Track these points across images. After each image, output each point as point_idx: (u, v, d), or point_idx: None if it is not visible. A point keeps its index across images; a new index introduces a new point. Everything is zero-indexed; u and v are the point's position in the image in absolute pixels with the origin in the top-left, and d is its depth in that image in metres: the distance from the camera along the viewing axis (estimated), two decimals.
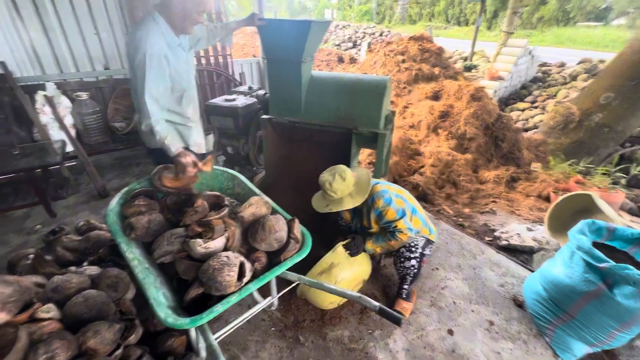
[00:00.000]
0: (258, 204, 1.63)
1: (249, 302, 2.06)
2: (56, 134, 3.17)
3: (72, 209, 2.93)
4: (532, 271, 2.37)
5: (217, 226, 1.44)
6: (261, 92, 3.10)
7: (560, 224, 2.78)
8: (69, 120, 3.28)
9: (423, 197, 3.43)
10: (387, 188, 1.89)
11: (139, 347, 1.59)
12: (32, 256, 1.98)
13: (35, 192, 2.66)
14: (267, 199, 1.76)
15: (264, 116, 2.65)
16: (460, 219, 3.17)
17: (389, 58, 5.44)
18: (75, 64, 3.60)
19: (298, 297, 2.05)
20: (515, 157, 4.10)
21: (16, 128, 2.90)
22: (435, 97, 4.73)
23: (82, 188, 3.25)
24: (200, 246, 1.37)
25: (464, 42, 13.71)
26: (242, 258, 1.37)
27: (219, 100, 2.80)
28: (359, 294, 1.38)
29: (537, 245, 2.67)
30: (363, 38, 11.90)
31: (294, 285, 1.66)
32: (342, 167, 1.86)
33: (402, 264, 1.86)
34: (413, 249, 1.83)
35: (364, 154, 4.00)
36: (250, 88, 3.18)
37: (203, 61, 4.18)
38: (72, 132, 3.26)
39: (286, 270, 1.62)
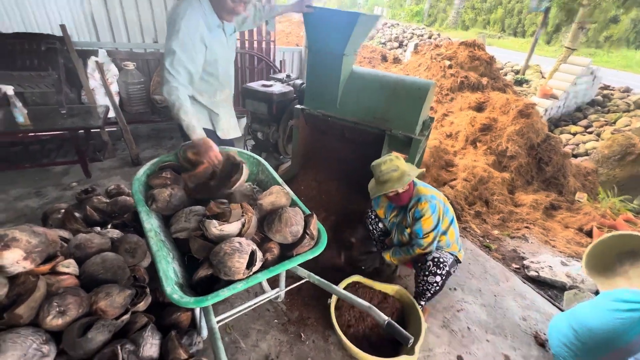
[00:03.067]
0: (279, 194, 1.59)
1: (257, 289, 2.05)
2: (101, 99, 3.32)
3: (106, 172, 3.08)
4: (562, 310, 2.17)
5: (235, 210, 1.43)
6: (299, 81, 3.06)
7: (601, 264, 2.52)
8: (114, 88, 3.43)
9: None
10: (434, 193, 1.81)
11: (145, 315, 1.62)
12: (62, 211, 2.09)
13: (75, 151, 2.81)
14: (288, 190, 1.72)
15: (298, 106, 2.61)
16: (488, 240, 2.98)
17: (435, 62, 5.19)
18: (128, 34, 3.75)
19: (305, 293, 2.02)
20: (558, 183, 3.79)
21: (67, 89, 3.07)
22: (479, 108, 4.47)
23: (118, 154, 3.40)
24: (216, 227, 1.36)
25: (518, 54, 12.90)
26: (254, 246, 1.34)
27: (255, 85, 2.80)
28: (368, 304, 1.31)
29: (570, 282, 2.44)
30: (410, 39, 11.49)
31: (302, 281, 1.62)
32: (394, 153, 1.84)
33: (425, 278, 1.75)
34: (441, 265, 1.72)
35: None
36: (288, 76, 3.15)
37: (247, 45, 4.21)
38: (116, 99, 3.40)
39: (297, 265, 1.59)
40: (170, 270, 1.26)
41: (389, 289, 1.94)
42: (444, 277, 1.73)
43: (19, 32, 3.02)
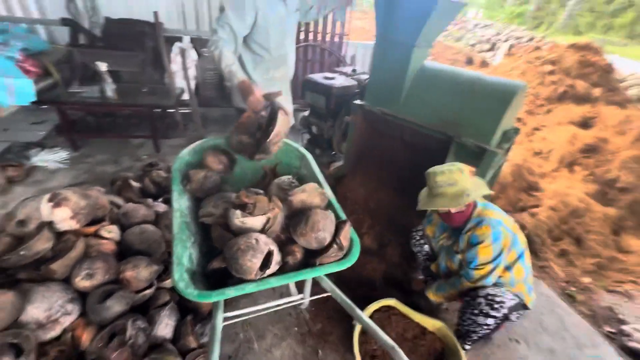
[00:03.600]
0: (312, 193, 1.43)
1: (283, 290, 1.93)
2: (180, 82, 3.58)
3: (173, 149, 3.31)
4: None
5: (260, 204, 1.31)
6: (364, 76, 2.84)
7: None
8: (192, 73, 3.67)
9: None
10: (502, 218, 1.44)
11: (169, 293, 1.63)
12: (121, 180, 2.25)
13: (150, 127, 3.06)
14: (326, 190, 1.54)
15: (357, 101, 2.41)
16: (573, 289, 2.38)
17: (533, 66, 4.43)
18: (211, 22, 3.98)
19: (332, 305, 1.82)
20: None
21: (152, 70, 3.38)
22: (584, 124, 3.65)
23: (187, 134, 3.63)
24: (237, 219, 1.27)
25: None
26: (273, 247, 1.21)
27: (317, 77, 2.68)
28: (392, 344, 1.06)
29: None
30: (506, 41, 10.18)
31: (324, 295, 1.43)
32: (459, 164, 1.48)
33: (473, 316, 1.42)
34: (497, 305, 1.37)
35: None
36: (354, 70, 2.96)
37: (318, 37, 4.14)
38: (192, 83, 3.64)
39: (324, 275, 1.42)
40: (184, 256, 1.20)
41: (430, 323, 1.63)
42: (498, 321, 1.37)
43: (122, 18, 3.43)
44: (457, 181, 1.40)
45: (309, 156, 1.85)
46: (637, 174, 2.99)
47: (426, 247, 1.79)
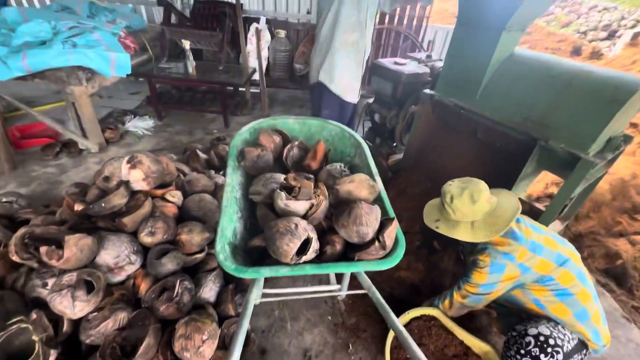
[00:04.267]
0: (360, 185, 1.35)
1: (322, 277, 1.93)
2: (253, 61, 3.73)
3: (241, 126, 3.46)
4: None
5: (305, 188, 1.28)
6: (439, 63, 2.59)
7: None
8: (265, 54, 3.78)
9: (616, 277, 2.23)
10: (519, 254, 1.26)
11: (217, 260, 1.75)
12: (190, 151, 2.45)
13: (222, 103, 3.26)
14: (377, 182, 1.45)
15: (426, 91, 2.20)
16: None
17: None
18: (287, 3, 4.03)
19: (370, 302, 1.75)
20: None
21: (229, 49, 3.57)
22: None
23: (254, 113, 3.80)
24: (282, 200, 1.27)
25: None
26: (312, 234, 1.18)
27: (386, 61, 2.52)
28: None
29: None
30: (631, 28, 8.20)
31: (360, 292, 1.37)
32: (482, 185, 1.32)
33: (518, 357, 1.20)
34: (550, 349, 1.14)
35: (545, 179, 2.91)
36: (428, 56, 2.71)
37: (395, 20, 3.88)
38: (264, 64, 3.76)
39: (363, 271, 1.36)
40: (229, 229, 1.24)
41: (476, 344, 1.46)
42: None
43: None
44: (478, 209, 1.28)
45: (365, 145, 1.76)
46: None
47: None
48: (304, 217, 1.29)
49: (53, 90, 3.57)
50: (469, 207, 1.29)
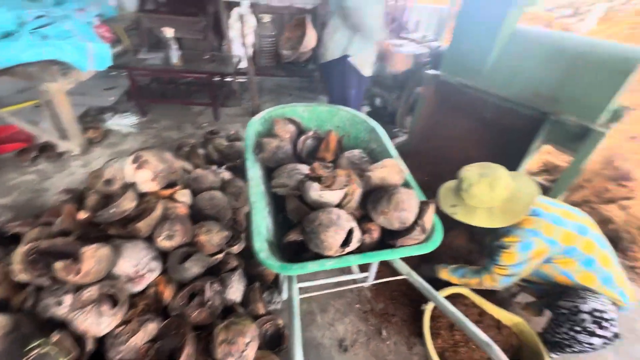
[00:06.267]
0: (392, 170, 1.32)
1: (345, 267, 1.90)
2: (237, 49, 3.54)
3: (231, 118, 3.34)
4: None
5: (339, 177, 1.23)
6: (435, 43, 2.57)
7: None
8: (250, 40, 3.59)
9: (612, 241, 2.37)
10: (544, 228, 1.27)
11: (237, 259, 1.67)
12: (190, 146, 2.31)
13: (209, 95, 3.09)
14: (403, 166, 1.43)
15: (431, 71, 2.18)
16: None
17: (638, 33, 3.72)
18: None
19: (394, 287, 1.76)
20: None
21: (212, 36, 3.37)
22: None
23: (244, 103, 3.64)
24: (315, 191, 1.21)
25: None
26: (354, 223, 1.14)
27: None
28: (488, 340, 0.97)
29: None
30: (592, 4, 8.65)
31: (399, 277, 1.36)
32: (501, 171, 1.32)
33: (573, 332, 1.24)
34: (606, 323, 1.18)
35: (545, 153, 3.00)
36: (424, 37, 2.69)
37: None
38: (250, 51, 3.58)
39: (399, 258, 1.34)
40: (262, 225, 1.18)
41: (507, 317, 1.50)
42: (607, 341, 1.20)
43: None
44: (496, 196, 1.29)
45: (380, 129, 1.74)
46: None
47: None
48: (339, 206, 1.25)
49: (17, 89, 3.22)
50: (487, 194, 1.29)
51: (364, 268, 1.73)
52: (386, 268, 1.88)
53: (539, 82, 1.75)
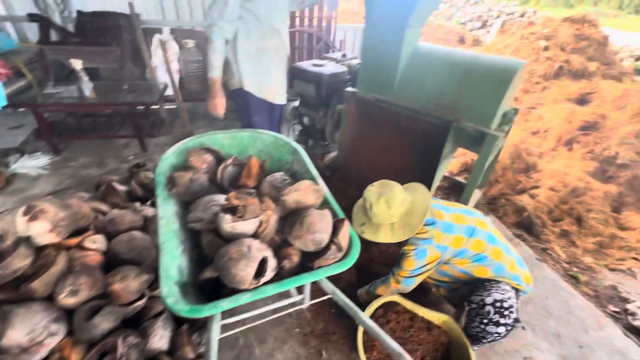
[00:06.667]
0: (306, 192, 1.34)
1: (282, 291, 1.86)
2: (162, 76, 3.42)
3: (161, 148, 3.18)
4: None
5: (251, 206, 1.22)
6: (355, 61, 2.72)
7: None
8: (175, 66, 3.49)
9: (526, 227, 2.66)
10: (436, 237, 1.41)
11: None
12: (105, 185, 2.14)
13: (133, 126, 2.92)
14: (321, 186, 1.46)
15: (349, 89, 2.30)
16: (575, 269, 2.35)
17: (527, 42, 4.31)
18: (191, 11, 3.79)
19: (334, 303, 1.76)
20: None
21: (132, 66, 3.21)
22: (581, 100, 3.58)
23: (175, 131, 3.50)
24: (227, 223, 1.18)
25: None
26: (267, 252, 1.13)
27: (305, 64, 2.55)
28: (400, 350, 1.01)
29: None
30: (497, 17, 9.95)
31: (324, 298, 1.37)
32: (397, 189, 1.41)
33: (482, 326, 1.34)
34: (506, 312, 1.30)
35: (462, 155, 3.31)
36: (344, 55, 2.83)
37: (305, 22, 3.96)
38: (176, 77, 3.47)
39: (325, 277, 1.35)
40: (173, 267, 1.11)
41: (435, 317, 1.58)
42: (509, 328, 1.32)
43: (96, 11, 3.22)
44: (393, 213, 1.38)
45: (302, 150, 1.76)
46: (637, 149, 2.95)
47: None
48: (255, 236, 1.23)
49: None
50: (386, 212, 1.38)
51: (301, 290, 1.71)
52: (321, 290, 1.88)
53: (440, 94, 1.93)
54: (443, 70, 1.91)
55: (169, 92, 3.35)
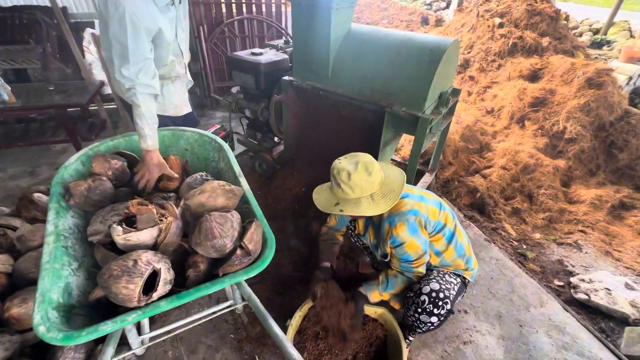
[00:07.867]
0: (213, 193, 1.24)
1: (219, 295, 1.78)
2: (99, 73, 3.19)
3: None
4: (618, 353, 1.60)
5: (144, 215, 1.11)
6: None
7: None
8: None
9: (479, 207, 2.66)
10: (417, 206, 1.29)
11: None
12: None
13: (67, 130, 2.71)
14: (237, 186, 1.35)
15: (286, 77, 2.18)
16: (524, 247, 2.37)
17: (483, 20, 4.27)
18: None
19: (271, 306, 1.70)
20: (635, 175, 2.92)
21: (61, 64, 2.97)
22: (534, 76, 3.59)
23: (117, 132, 3.29)
24: (118, 235, 1.07)
25: (601, 10, 10.61)
26: (159, 264, 1.03)
27: (243, 54, 2.40)
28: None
29: (635, 315, 1.82)
30: None
31: (240, 304, 1.29)
32: (369, 156, 1.30)
33: (417, 315, 1.29)
34: (442, 302, 1.24)
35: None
36: (286, 42, 2.69)
37: (253, 9, 3.77)
38: None
39: (243, 281, 1.26)
40: (54, 290, 1.00)
41: (371, 310, 1.54)
42: (442, 318, 1.28)
43: (14, 5, 2.94)
44: (374, 180, 1.25)
45: (227, 147, 1.66)
46: (583, 123, 2.98)
47: (364, 239, 1.65)
48: (154, 246, 1.13)
49: None
50: (366, 180, 1.24)
51: (231, 294, 1.63)
52: (262, 287, 1.81)
53: (373, 79, 1.84)
54: (375, 54, 1.82)
55: (108, 90, 3.14)
